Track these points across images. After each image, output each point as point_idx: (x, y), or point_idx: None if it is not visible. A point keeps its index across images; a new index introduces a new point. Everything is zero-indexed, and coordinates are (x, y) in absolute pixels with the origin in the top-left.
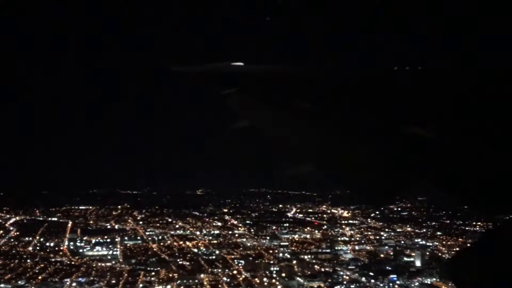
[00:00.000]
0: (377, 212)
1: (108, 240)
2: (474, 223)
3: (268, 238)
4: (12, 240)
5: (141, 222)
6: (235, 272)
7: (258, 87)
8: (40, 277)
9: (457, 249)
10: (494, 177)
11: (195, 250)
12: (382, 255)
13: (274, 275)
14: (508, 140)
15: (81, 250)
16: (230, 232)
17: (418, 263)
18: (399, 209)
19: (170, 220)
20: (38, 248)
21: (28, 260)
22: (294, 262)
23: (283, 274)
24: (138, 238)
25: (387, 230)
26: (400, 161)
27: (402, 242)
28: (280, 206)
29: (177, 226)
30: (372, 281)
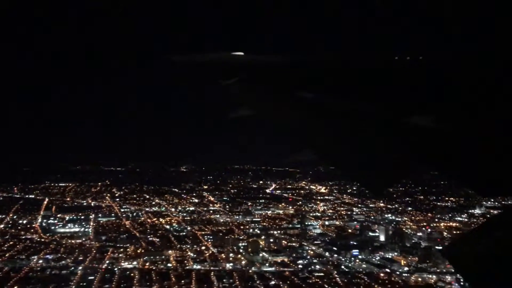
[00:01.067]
0: (354, 188)
1: (82, 217)
2: (446, 198)
3: (241, 214)
4: None
5: (118, 199)
6: (203, 248)
7: (259, 77)
8: (7, 255)
9: (424, 224)
10: (492, 162)
11: (167, 226)
12: (350, 230)
13: (241, 251)
14: (504, 127)
15: (53, 228)
16: (205, 209)
17: (382, 238)
18: None
19: (147, 197)
20: (10, 225)
21: None
22: (263, 237)
23: (249, 249)
24: (113, 215)
25: (359, 205)
26: (401, 149)
27: (372, 217)
28: (261, 182)
29: (153, 203)
30: (335, 255)
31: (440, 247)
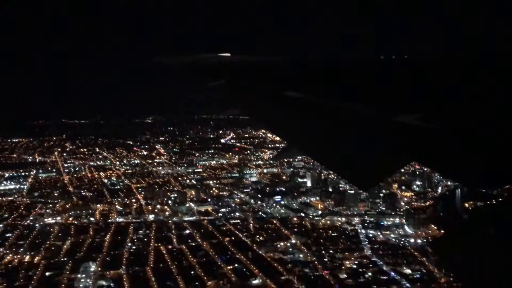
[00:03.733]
0: None
1: (23, 174)
2: None
3: (184, 165)
4: None
5: (65, 154)
6: (133, 201)
7: (246, 78)
8: None
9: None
10: (480, 156)
11: (105, 180)
12: (284, 177)
13: (169, 202)
14: (492, 124)
15: None
16: (150, 161)
17: (309, 184)
18: None
19: (97, 150)
20: None
21: None
22: (197, 187)
23: (177, 200)
24: (54, 170)
25: None
26: (389, 146)
27: (310, 164)
28: (221, 132)
29: (100, 156)
30: (259, 202)
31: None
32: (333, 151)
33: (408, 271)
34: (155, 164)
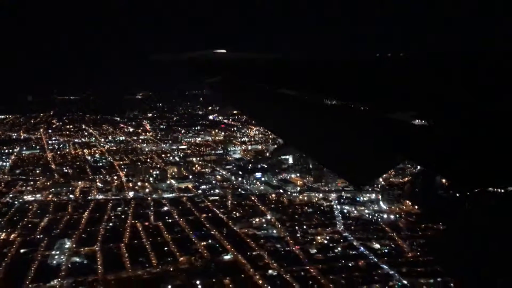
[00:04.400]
0: None
1: (6, 151)
2: None
3: (169, 142)
4: None
5: (51, 131)
6: (115, 178)
7: (241, 75)
8: None
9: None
10: (474, 157)
11: (89, 157)
12: (267, 154)
13: (150, 179)
14: (486, 123)
15: None
16: (135, 138)
17: (290, 161)
18: None
19: (83, 127)
20: None
21: None
22: (180, 164)
23: (158, 178)
24: (38, 147)
25: None
26: (385, 144)
27: None
28: (210, 108)
29: (86, 133)
30: (239, 179)
31: None
32: (328, 149)
33: (377, 246)
34: (140, 141)
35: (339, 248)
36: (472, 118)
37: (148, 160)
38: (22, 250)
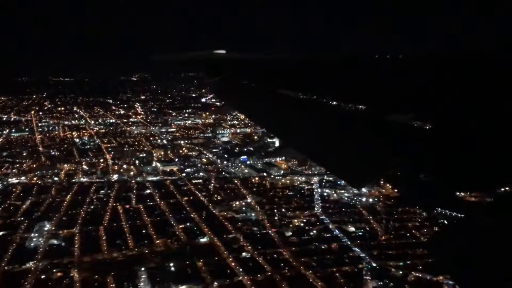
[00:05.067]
0: None
1: None
2: None
3: (159, 125)
4: None
5: (42, 113)
6: (101, 160)
7: (241, 76)
8: None
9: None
10: (473, 158)
11: (77, 140)
12: (256, 137)
13: (136, 162)
14: (485, 124)
15: None
16: (125, 121)
17: (277, 144)
18: None
19: (75, 109)
20: None
21: None
22: (167, 147)
23: (144, 160)
24: (27, 130)
25: None
26: (382, 145)
27: None
28: (203, 90)
29: (77, 115)
30: (225, 162)
31: None
32: (326, 149)
33: (352, 229)
34: (130, 123)
35: (314, 231)
36: (472, 119)
37: (136, 143)
38: (1, 233)
